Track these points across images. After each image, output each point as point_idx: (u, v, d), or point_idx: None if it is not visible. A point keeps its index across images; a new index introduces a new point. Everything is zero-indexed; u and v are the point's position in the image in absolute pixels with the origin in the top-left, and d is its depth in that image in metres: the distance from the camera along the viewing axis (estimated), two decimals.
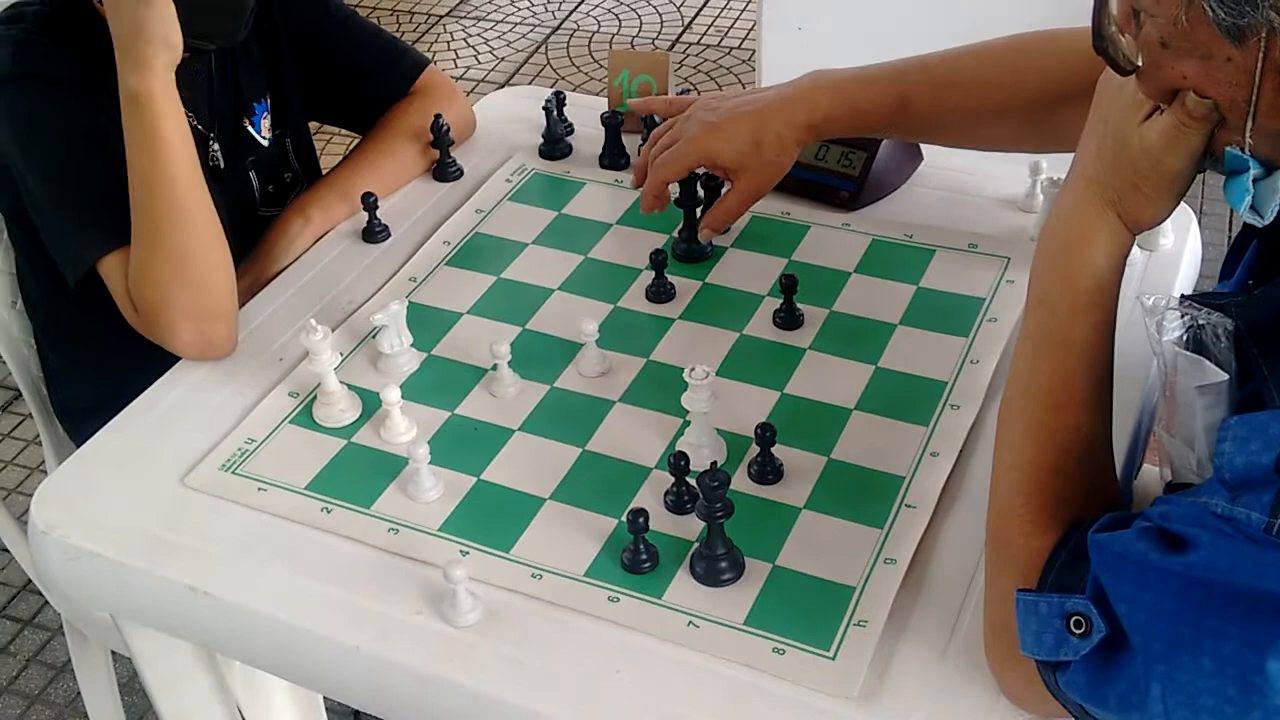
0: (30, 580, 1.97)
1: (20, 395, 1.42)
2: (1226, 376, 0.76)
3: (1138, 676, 0.70)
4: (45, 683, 1.91)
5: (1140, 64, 0.74)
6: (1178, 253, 1.21)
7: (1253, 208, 0.74)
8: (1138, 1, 0.72)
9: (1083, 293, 0.83)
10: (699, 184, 1.24)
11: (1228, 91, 0.70)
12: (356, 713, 1.55)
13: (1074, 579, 0.75)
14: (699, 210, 1.24)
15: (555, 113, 1.41)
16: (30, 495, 1.49)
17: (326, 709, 1.35)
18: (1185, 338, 0.78)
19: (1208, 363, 0.77)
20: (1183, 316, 0.78)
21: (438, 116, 1.37)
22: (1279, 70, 0.67)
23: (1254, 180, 0.73)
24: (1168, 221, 1.06)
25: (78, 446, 1.11)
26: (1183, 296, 0.79)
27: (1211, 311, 0.78)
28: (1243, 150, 0.72)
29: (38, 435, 1.46)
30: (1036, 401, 0.84)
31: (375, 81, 1.43)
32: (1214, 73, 0.70)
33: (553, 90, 1.44)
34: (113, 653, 1.50)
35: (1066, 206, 0.85)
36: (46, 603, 1.99)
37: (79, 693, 1.58)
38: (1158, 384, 0.95)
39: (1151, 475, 1.21)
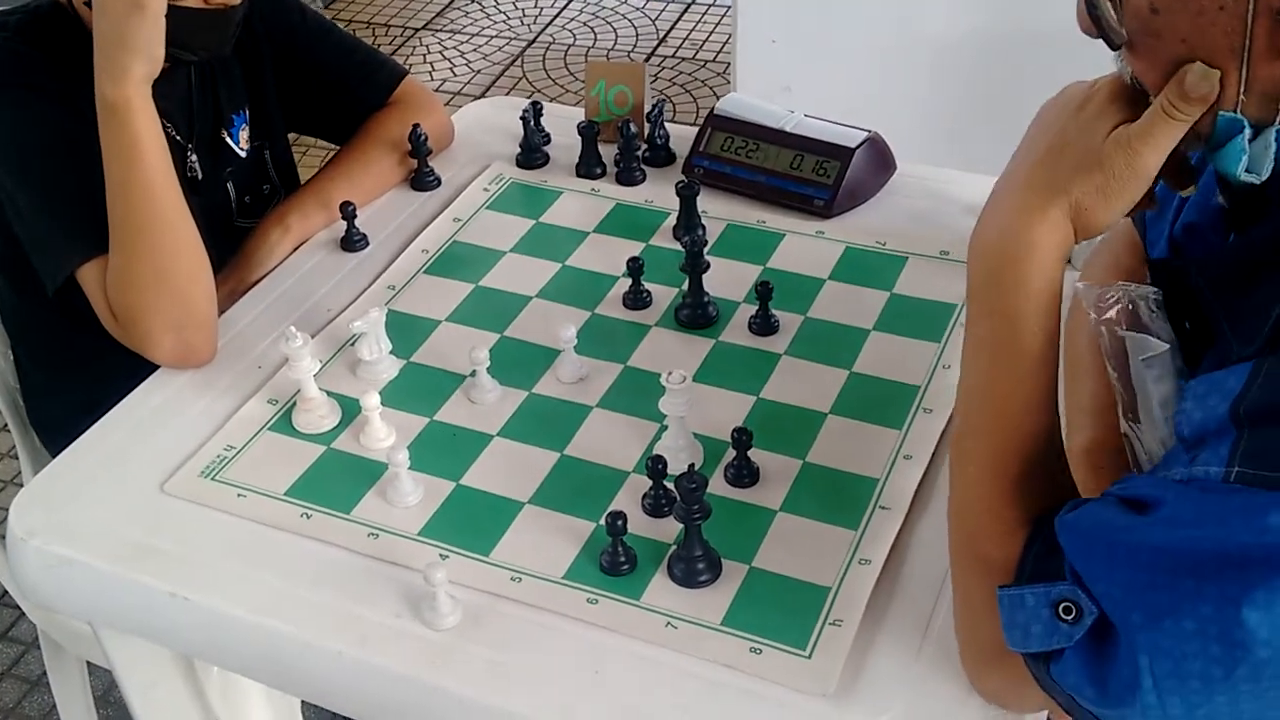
0: (4, 594, 1.96)
1: None
2: (1168, 345, 0.78)
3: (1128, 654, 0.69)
4: (20, 696, 1.89)
5: (1129, 38, 0.74)
6: None
7: (1247, 170, 0.74)
8: None
9: (1038, 299, 0.81)
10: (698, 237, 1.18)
11: (1223, 41, 0.70)
12: (335, 718, 1.54)
13: (1053, 568, 0.75)
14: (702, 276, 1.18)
15: (533, 122, 1.42)
16: (4, 509, 1.48)
17: (304, 716, 1.35)
18: (1120, 316, 0.80)
19: (1149, 337, 0.78)
20: (1113, 295, 0.79)
21: (416, 126, 1.38)
22: (1271, 12, 0.68)
23: (1248, 141, 0.73)
24: None
25: (54, 458, 1.11)
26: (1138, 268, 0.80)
27: (1138, 286, 0.79)
28: (1235, 110, 0.72)
29: (13, 448, 1.45)
30: (995, 412, 0.83)
31: (353, 92, 1.44)
32: (1208, 26, 0.70)
33: (530, 100, 1.45)
34: (88, 664, 1.49)
35: (1007, 215, 0.83)
36: (20, 616, 1.97)
37: (54, 705, 1.58)
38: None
39: None
